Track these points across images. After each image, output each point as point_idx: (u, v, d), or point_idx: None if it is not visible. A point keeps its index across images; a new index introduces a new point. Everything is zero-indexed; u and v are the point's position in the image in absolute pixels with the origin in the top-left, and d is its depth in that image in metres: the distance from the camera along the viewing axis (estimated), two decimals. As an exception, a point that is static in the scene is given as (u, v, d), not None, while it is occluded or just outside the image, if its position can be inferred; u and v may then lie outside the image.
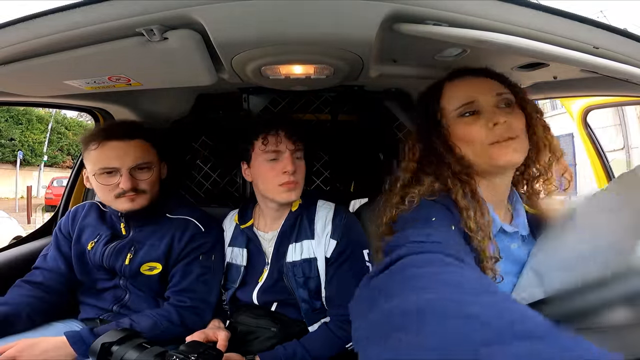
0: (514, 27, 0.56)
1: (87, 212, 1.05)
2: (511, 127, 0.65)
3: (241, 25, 0.61)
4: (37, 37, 0.62)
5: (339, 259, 0.93)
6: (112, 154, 0.91)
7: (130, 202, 0.93)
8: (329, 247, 0.94)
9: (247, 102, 1.44)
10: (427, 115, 0.73)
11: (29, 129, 10.62)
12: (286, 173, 0.92)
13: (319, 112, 1.59)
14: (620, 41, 0.57)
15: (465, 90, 0.69)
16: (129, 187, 0.91)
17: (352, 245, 0.94)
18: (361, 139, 1.52)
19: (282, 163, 0.92)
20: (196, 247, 0.97)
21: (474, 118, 0.67)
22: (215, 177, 1.75)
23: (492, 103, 0.67)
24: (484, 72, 0.71)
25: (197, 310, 0.94)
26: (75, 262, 1.00)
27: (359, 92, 1.35)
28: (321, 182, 1.73)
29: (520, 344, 0.26)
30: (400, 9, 0.55)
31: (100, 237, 0.99)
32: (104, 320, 0.97)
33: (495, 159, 0.65)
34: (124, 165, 0.91)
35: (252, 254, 1.00)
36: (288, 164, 0.92)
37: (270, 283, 0.96)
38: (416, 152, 0.73)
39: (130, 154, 0.93)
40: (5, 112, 9.75)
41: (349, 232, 0.95)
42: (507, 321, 0.28)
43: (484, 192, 0.68)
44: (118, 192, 0.92)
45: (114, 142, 0.92)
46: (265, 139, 0.93)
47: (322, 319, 0.94)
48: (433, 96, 0.73)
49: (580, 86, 0.91)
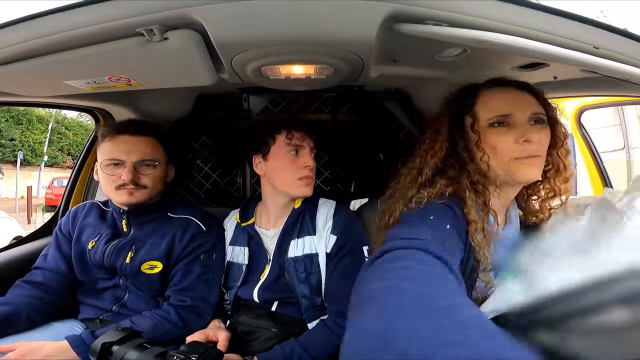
0: (514, 27, 0.56)
1: (87, 211, 1.05)
2: (540, 146, 0.66)
3: (241, 25, 0.61)
4: (37, 37, 0.62)
5: (339, 253, 0.94)
6: (121, 147, 0.94)
7: (129, 195, 0.94)
8: (329, 243, 0.95)
9: (247, 102, 1.44)
10: (456, 118, 0.73)
11: (30, 129, 10.65)
12: (307, 167, 0.95)
13: (319, 112, 1.59)
14: (620, 41, 0.57)
15: (503, 101, 0.69)
16: (129, 180, 0.92)
17: (351, 241, 0.95)
18: (361, 139, 1.52)
19: (304, 158, 0.96)
20: (197, 246, 0.98)
21: (506, 130, 0.67)
22: (215, 177, 1.75)
23: (526, 119, 0.67)
24: (523, 86, 0.70)
25: (198, 309, 0.94)
26: (76, 262, 1.00)
27: (359, 92, 1.35)
28: (321, 182, 1.73)
29: (443, 321, 0.32)
30: (400, 9, 0.55)
31: (101, 236, 0.99)
32: (104, 320, 0.97)
33: (517, 174, 0.66)
34: (130, 158, 0.94)
35: (253, 252, 1.00)
36: (309, 159, 0.96)
37: (272, 280, 0.96)
38: (443, 149, 0.72)
39: (138, 148, 0.95)
40: (5, 112, 9.79)
41: (348, 228, 0.97)
42: (434, 305, 0.35)
43: (492, 200, 0.69)
44: (119, 184, 0.93)
45: (125, 136, 0.95)
46: (291, 133, 0.96)
47: (322, 316, 0.94)
48: (467, 101, 0.72)
49: (580, 86, 0.91)
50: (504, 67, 0.84)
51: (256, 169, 1.01)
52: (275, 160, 0.97)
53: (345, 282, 0.90)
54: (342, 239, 0.95)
